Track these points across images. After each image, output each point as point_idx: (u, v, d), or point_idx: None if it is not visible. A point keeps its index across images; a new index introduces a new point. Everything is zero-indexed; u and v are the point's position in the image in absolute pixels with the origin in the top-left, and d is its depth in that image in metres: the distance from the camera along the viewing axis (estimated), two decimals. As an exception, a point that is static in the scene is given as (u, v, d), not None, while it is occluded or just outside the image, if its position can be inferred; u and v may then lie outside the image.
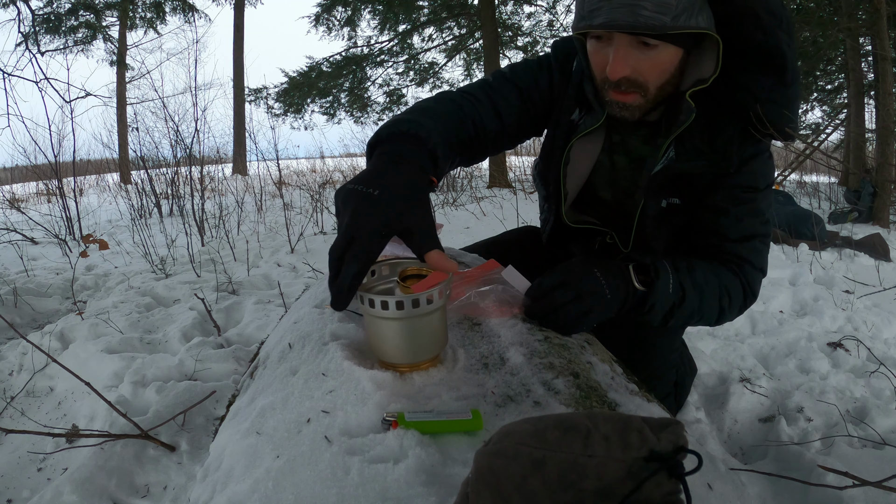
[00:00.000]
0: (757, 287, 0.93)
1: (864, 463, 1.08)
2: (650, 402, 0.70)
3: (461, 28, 9.57)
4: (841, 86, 9.16)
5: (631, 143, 0.96)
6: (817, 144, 8.57)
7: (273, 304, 2.12)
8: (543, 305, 0.77)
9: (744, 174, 0.88)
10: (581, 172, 1.00)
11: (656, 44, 0.77)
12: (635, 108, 0.85)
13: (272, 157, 6.30)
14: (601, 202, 1.04)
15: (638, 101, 0.84)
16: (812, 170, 11.08)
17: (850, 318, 2.05)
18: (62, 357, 1.66)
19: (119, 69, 10.71)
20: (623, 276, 0.80)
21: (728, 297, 0.89)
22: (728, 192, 0.89)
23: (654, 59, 0.79)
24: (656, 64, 0.79)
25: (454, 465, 0.52)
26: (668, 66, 0.81)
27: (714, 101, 0.85)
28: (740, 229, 0.89)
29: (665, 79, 0.82)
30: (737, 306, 0.92)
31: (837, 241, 3.66)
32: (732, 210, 0.89)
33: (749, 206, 0.89)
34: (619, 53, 0.78)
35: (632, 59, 0.79)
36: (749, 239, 0.90)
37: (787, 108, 0.82)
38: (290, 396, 0.64)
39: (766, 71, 0.81)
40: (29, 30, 5.14)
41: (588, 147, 0.98)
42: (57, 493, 0.98)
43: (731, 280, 0.89)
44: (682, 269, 0.84)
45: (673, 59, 0.80)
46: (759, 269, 0.92)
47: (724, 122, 0.86)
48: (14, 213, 5.76)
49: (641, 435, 0.36)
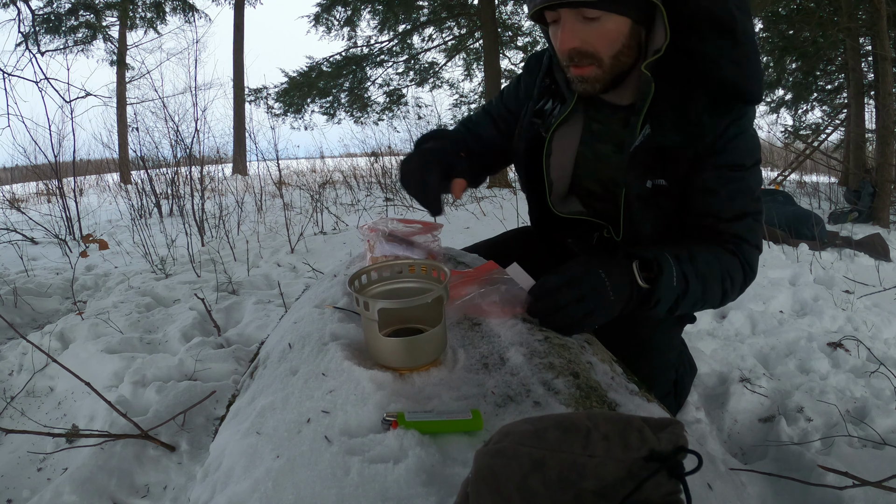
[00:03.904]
0: (755, 264, 0.94)
1: (864, 463, 1.08)
2: (650, 402, 0.70)
3: (461, 28, 9.56)
4: (841, 86, 9.16)
5: (611, 129, 0.99)
6: (817, 144, 8.57)
7: (273, 304, 2.12)
8: (546, 305, 0.77)
9: (729, 153, 0.89)
10: (564, 163, 1.04)
11: (598, 15, 0.82)
12: (594, 80, 0.89)
13: (272, 157, 6.31)
14: (590, 194, 1.06)
15: (594, 72, 0.88)
16: (812, 170, 11.07)
17: (850, 318, 2.04)
18: (62, 357, 1.66)
19: (119, 69, 10.69)
20: (627, 275, 0.80)
21: (730, 279, 0.90)
22: (716, 172, 0.90)
23: (600, 29, 0.84)
24: (603, 34, 0.84)
25: (454, 465, 0.52)
26: (616, 36, 0.85)
27: (683, 77, 0.88)
28: (733, 208, 0.90)
29: (617, 48, 0.86)
30: (738, 286, 0.92)
31: (837, 241, 3.65)
32: (723, 190, 0.90)
33: (738, 185, 0.90)
34: (565, 27, 0.85)
35: (578, 31, 0.84)
36: (742, 217, 0.91)
37: (743, 66, 0.85)
38: (290, 396, 0.64)
39: (722, 35, 0.84)
40: (29, 30, 5.14)
41: (567, 135, 1.02)
42: (57, 493, 0.98)
43: (730, 261, 0.90)
44: (683, 258, 0.84)
45: (620, 27, 0.84)
46: (755, 245, 0.93)
47: (694, 95, 0.88)
48: (14, 213, 5.76)
49: (641, 435, 0.36)
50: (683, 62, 0.87)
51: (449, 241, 3.40)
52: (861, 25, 6.57)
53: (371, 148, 8.24)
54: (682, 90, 0.88)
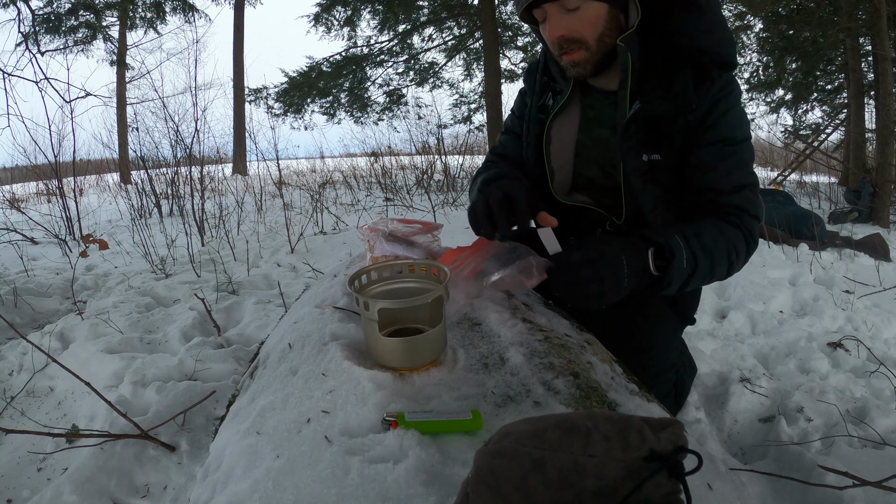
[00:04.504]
0: (756, 234, 0.97)
1: (864, 463, 1.08)
2: (650, 402, 0.70)
3: (461, 28, 9.56)
4: (841, 86, 9.15)
5: (605, 112, 1.06)
6: (817, 144, 8.57)
7: (273, 304, 2.12)
8: (567, 279, 0.79)
9: (720, 128, 0.95)
10: (564, 151, 1.10)
11: (578, 4, 0.93)
12: (584, 62, 0.99)
13: (272, 157, 6.30)
14: (592, 183, 1.10)
15: (583, 55, 0.98)
16: (812, 170, 11.06)
17: (850, 318, 2.04)
18: (62, 357, 1.66)
19: (119, 69, 10.68)
20: (642, 261, 0.84)
21: (735, 251, 0.93)
22: (710, 149, 0.96)
23: (582, 16, 0.94)
24: (585, 20, 0.95)
25: (454, 465, 0.52)
26: (596, 20, 0.95)
27: (665, 55, 0.97)
28: (731, 181, 0.95)
29: (599, 31, 0.96)
30: (743, 256, 0.95)
31: (837, 241, 3.65)
32: (720, 165, 0.95)
33: (734, 159, 0.95)
34: (551, 20, 0.96)
35: (563, 21, 0.95)
36: (741, 189, 0.95)
37: (712, 33, 0.94)
38: (290, 396, 0.64)
39: (688, 9, 0.95)
40: (29, 30, 5.13)
41: (565, 123, 1.10)
42: (57, 493, 0.98)
43: (734, 234, 0.93)
44: (690, 235, 0.87)
45: (599, 12, 0.95)
46: (754, 216, 0.97)
47: (676, 68, 0.96)
48: (14, 213, 5.75)
49: (641, 435, 0.35)
50: (664, 43, 0.97)
51: (449, 241, 3.39)
52: (861, 25, 6.56)
53: (371, 148, 8.23)
54: (666, 67, 0.96)
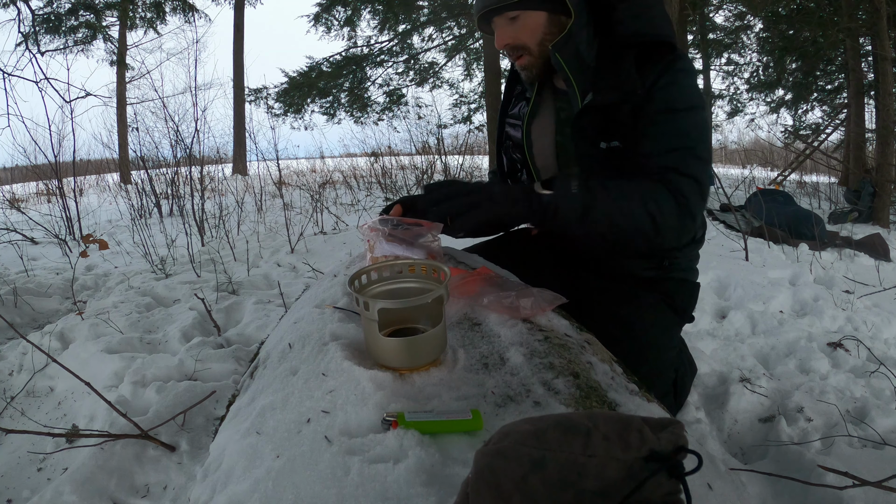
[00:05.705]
0: (689, 192, 0.92)
1: (864, 463, 1.08)
2: (650, 402, 0.69)
3: (461, 28, 9.56)
4: (841, 86, 9.16)
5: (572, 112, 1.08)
6: (817, 144, 8.57)
7: (273, 304, 2.12)
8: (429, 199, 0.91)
9: (659, 100, 0.97)
10: (545, 151, 1.15)
11: (517, 14, 1.01)
12: (531, 66, 1.07)
13: (272, 157, 6.30)
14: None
15: (529, 60, 1.06)
16: (812, 170, 11.06)
17: (850, 318, 2.04)
18: (62, 357, 1.66)
19: (119, 69, 10.68)
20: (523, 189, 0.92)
21: (654, 202, 0.90)
22: (646, 120, 0.97)
23: (523, 25, 1.02)
24: (525, 28, 1.03)
25: (454, 465, 0.52)
26: (536, 27, 1.02)
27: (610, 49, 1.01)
28: (662, 145, 0.95)
29: (540, 36, 1.03)
30: (670, 213, 0.91)
31: (837, 241, 3.66)
32: (651, 130, 0.96)
33: (668, 126, 0.95)
34: (497, 31, 1.06)
35: (507, 30, 1.04)
36: (672, 151, 0.94)
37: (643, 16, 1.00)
38: (290, 396, 0.64)
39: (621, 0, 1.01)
40: (29, 30, 5.13)
41: (543, 125, 1.15)
42: (57, 493, 0.98)
43: (652, 186, 0.92)
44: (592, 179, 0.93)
45: (537, 20, 1.02)
46: (686, 174, 0.92)
47: (621, 58, 1.00)
48: (14, 213, 5.75)
49: (641, 435, 0.35)
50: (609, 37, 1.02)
51: (449, 240, 3.38)
52: (861, 25, 6.57)
53: (371, 148, 8.22)
54: (612, 58, 1.01)
